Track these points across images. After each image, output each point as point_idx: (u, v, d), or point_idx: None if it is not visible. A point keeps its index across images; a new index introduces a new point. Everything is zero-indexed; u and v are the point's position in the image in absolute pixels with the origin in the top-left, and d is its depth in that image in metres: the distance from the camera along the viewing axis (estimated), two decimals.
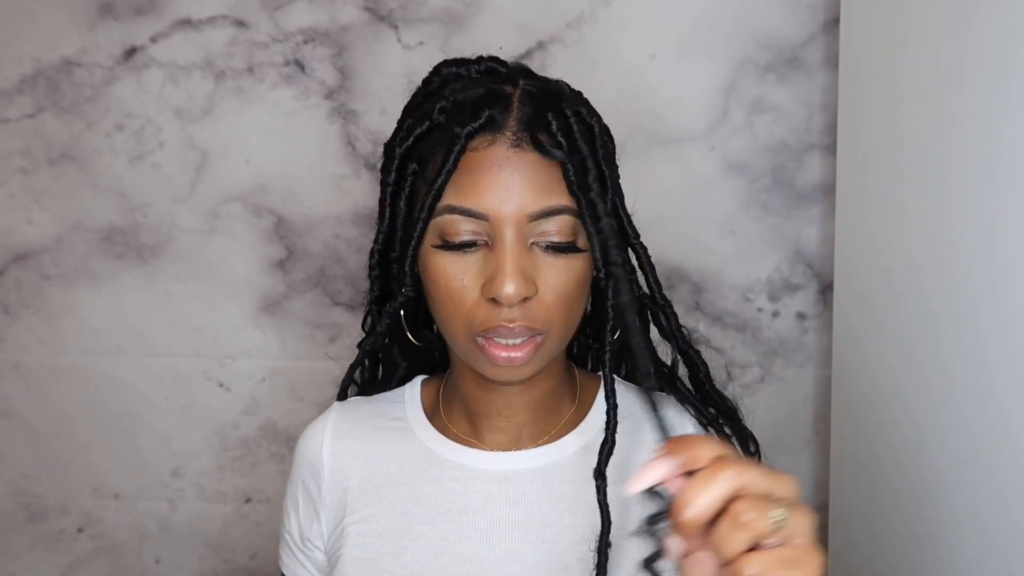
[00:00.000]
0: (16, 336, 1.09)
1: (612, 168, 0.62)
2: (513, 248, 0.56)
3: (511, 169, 0.56)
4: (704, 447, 0.42)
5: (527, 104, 0.58)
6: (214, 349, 1.08)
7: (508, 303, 0.56)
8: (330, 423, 0.69)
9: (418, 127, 0.60)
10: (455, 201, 0.57)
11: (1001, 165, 0.60)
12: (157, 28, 1.02)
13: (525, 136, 0.57)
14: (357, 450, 0.68)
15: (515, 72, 0.63)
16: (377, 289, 0.67)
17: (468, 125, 0.56)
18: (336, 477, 0.67)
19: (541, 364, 0.60)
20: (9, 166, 1.05)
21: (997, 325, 0.62)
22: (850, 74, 0.87)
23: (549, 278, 0.57)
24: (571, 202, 0.57)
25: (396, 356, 0.73)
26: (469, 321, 0.58)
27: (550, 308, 0.58)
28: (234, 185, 1.05)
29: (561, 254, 0.57)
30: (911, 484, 0.74)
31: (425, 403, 0.71)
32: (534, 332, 0.58)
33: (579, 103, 0.62)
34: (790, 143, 1.00)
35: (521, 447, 0.65)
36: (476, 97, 0.58)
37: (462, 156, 0.56)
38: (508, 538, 0.62)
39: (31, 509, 1.13)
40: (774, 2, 0.97)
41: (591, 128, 0.60)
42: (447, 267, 0.58)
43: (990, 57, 0.61)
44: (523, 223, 0.56)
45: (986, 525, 0.65)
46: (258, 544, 1.12)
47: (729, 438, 0.66)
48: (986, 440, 0.64)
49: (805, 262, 1.02)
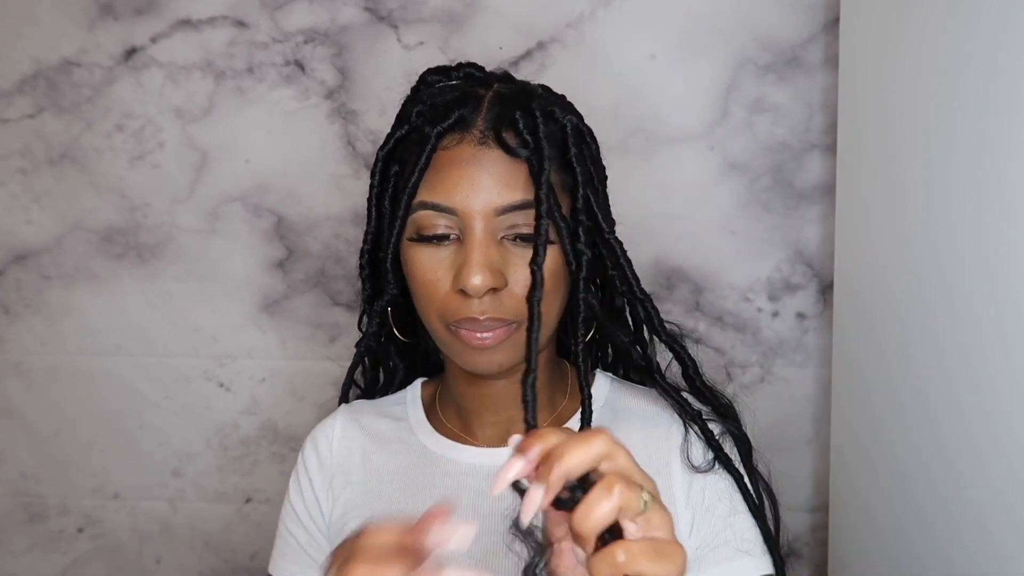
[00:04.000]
0: (16, 336, 1.09)
1: (586, 166, 0.63)
2: (481, 241, 0.58)
3: (477, 165, 0.59)
4: (553, 433, 0.42)
5: (496, 104, 0.61)
6: (214, 349, 1.08)
7: (475, 294, 0.58)
8: (338, 424, 0.72)
9: (398, 131, 0.64)
10: (428, 197, 0.60)
11: (1001, 165, 0.60)
12: (157, 28, 1.02)
13: (491, 134, 0.60)
14: (361, 449, 0.70)
15: (492, 77, 0.66)
16: (368, 288, 0.70)
17: (439, 125, 0.60)
18: (343, 475, 0.70)
19: (517, 354, 0.62)
20: (9, 166, 1.05)
21: (997, 325, 0.62)
22: (850, 74, 0.87)
23: (519, 271, 0.59)
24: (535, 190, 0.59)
25: (393, 356, 0.75)
26: (443, 312, 0.60)
27: (521, 300, 0.59)
28: (234, 185, 1.05)
29: (531, 247, 0.58)
30: (911, 484, 0.74)
31: (424, 402, 0.73)
32: (504, 323, 0.60)
33: (553, 103, 0.63)
34: (790, 143, 1.00)
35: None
36: (449, 99, 0.61)
37: (433, 155, 0.60)
38: (498, 532, 0.63)
39: (31, 509, 1.13)
40: (774, 2, 0.97)
41: (563, 127, 0.62)
42: (423, 261, 0.61)
43: (990, 57, 0.61)
44: (490, 217, 0.58)
45: (986, 524, 0.65)
46: (258, 544, 1.12)
47: (714, 439, 0.66)
48: (986, 440, 0.64)
49: (805, 262, 1.02)
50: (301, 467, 0.72)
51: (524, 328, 0.60)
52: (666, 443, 0.66)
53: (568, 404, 0.70)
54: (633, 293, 0.65)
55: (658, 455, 0.65)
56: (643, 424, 0.67)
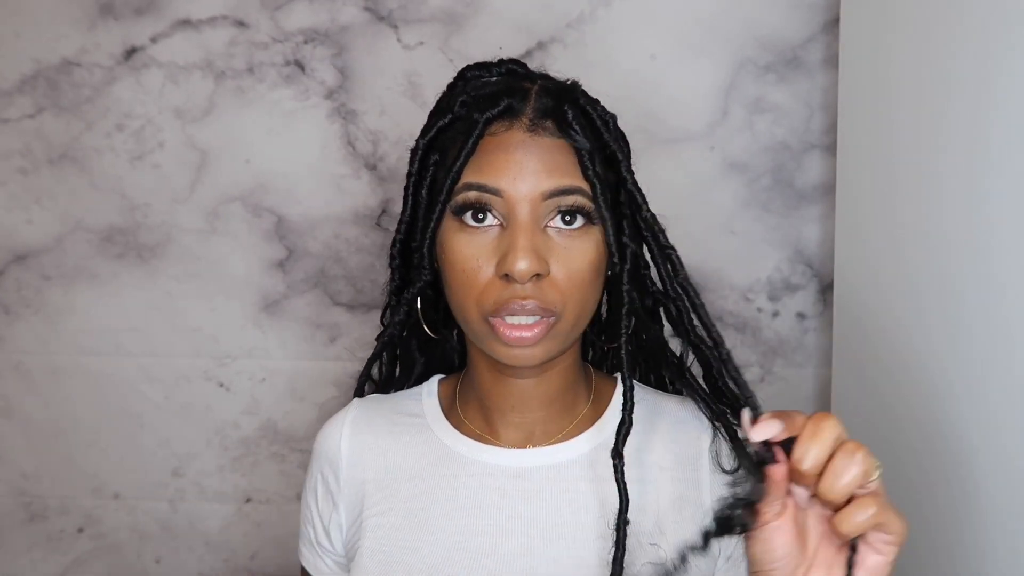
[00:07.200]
0: (16, 336, 1.09)
1: (627, 162, 0.64)
2: (526, 226, 0.58)
3: (525, 151, 0.59)
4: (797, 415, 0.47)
5: (544, 96, 0.62)
6: (214, 349, 1.08)
7: (521, 279, 0.57)
8: (349, 418, 0.71)
9: (440, 120, 0.63)
10: (473, 179, 0.59)
11: (1000, 165, 0.60)
12: (157, 28, 1.02)
13: (541, 122, 0.60)
14: (375, 445, 0.69)
15: (534, 74, 0.67)
16: (397, 279, 0.70)
17: (487, 111, 0.60)
18: (354, 471, 0.69)
19: (553, 349, 0.61)
20: (9, 166, 1.05)
21: (995, 324, 0.62)
22: (850, 74, 0.87)
23: (562, 260, 0.59)
24: (585, 185, 0.59)
25: (413, 351, 0.74)
26: (482, 301, 0.59)
27: (563, 290, 0.59)
28: (234, 185, 1.05)
29: (575, 237, 0.60)
30: (911, 484, 0.74)
31: (442, 400, 0.72)
32: (547, 312, 0.59)
33: (594, 102, 0.65)
34: (790, 143, 1.00)
35: (535, 444, 0.66)
36: (497, 89, 0.62)
37: (481, 140, 0.60)
38: (522, 533, 0.63)
39: (31, 509, 1.13)
40: (774, 2, 0.97)
41: (605, 123, 0.63)
42: (464, 248, 0.60)
43: (989, 57, 0.61)
44: (537, 202, 0.58)
45: (987, 522, 0.65)
46: (258, 544, 1.12)
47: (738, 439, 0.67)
48: (985, 439, 0.64)
49: (805, 262, 1.02)
50: (314, 464, 0.72)
51: (564, 321, 0.60)
52: (696, 445, 0.66)
53: (589, 410, 0.69)
54: (666, 292, 0.66)
55: (689, 458, 0.66)
56: (675, 425, 0.68)
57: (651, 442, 0.66)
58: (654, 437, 0.66)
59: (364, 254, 1.05)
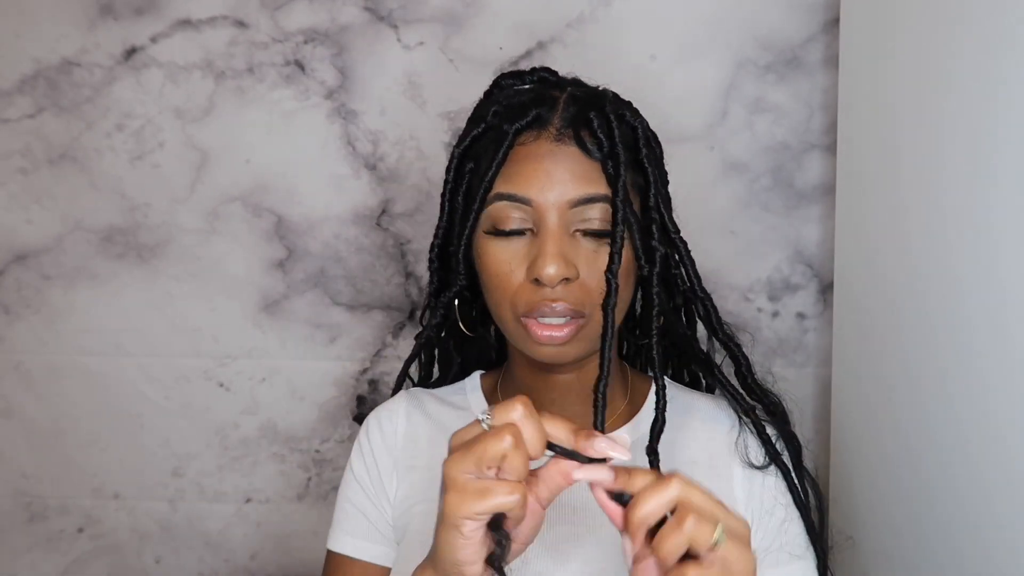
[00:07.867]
0: (16, 336, 1.09)
1: (656, 166, 0.66)
2: (555, 233, 0.60)
3: (553, 160, 0.61)
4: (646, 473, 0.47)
5: (571, 105, 0.64)
6: (214, 349, 1.08)
7: (549, 283, 0.60)
8: (403, 405, 0.74)
9: (475, 129, 0.66)
10: (504, 189, 0.62)
11: (1000, 165, 0.60)
12: (157, 28, 1.02)
13: (568, 132, 0.62)
14: (424, 435, 0.72)
15: (564, 81, 0.70)
16: (436, 281, 0.72)
17: (516, 122, 0.62)
18: (406, 458, 0.71)
19: (585, 347, 0.64)
20: (9, 166, 1.05)
21: (995, 324, 0.62)
22: (850, 74, 0.87)
23: (591, 264, 0.62)
24: (611, 192, 0.61)
25: (451, 350, 0.77)
26: (515, 303, 0.62)
27: (592, 293, 0.61)
28: (234, 185, 1.05)
29: (603, 241, 0.61)
30: (911, 483, 0.74)
31: (485, 393, 0.75)
32: (576, 314, 0.61)
33: (624, 107, 0.67)
34: (790, 143, 1.00)
35: None
36: (526, 99, 0.64)
37: (511, 151, 0.62)
38: (566, 521, 0.65)
39: (31, 509, 1.13)
40: (774, 2, 0.97)
41: (634, 129, 0.65)
42: (497, 253, 0.63)
43: (989, 57, 0.61)
44: (564, 209, 0.61)
45: (987, 523, 0.65)
46: (258, 544, 1.12)
47: (765, 433, 0.69)
48: (985, 439, 0.64)
49: (805, 262, 1.02)
50: (366, 444, 0.73)
51: (593, 321, 0.62)
52: (727, 440, 0.69)
53: (626, 407, 0.71)
54: (695, 291, 0.68)
55: (720, 454, 0.68)
56: (705, 421, 0.70)
57: (684, 439, 0.69)
58: (687, 434, 0.69)
59: (364, 254, 1.05)
